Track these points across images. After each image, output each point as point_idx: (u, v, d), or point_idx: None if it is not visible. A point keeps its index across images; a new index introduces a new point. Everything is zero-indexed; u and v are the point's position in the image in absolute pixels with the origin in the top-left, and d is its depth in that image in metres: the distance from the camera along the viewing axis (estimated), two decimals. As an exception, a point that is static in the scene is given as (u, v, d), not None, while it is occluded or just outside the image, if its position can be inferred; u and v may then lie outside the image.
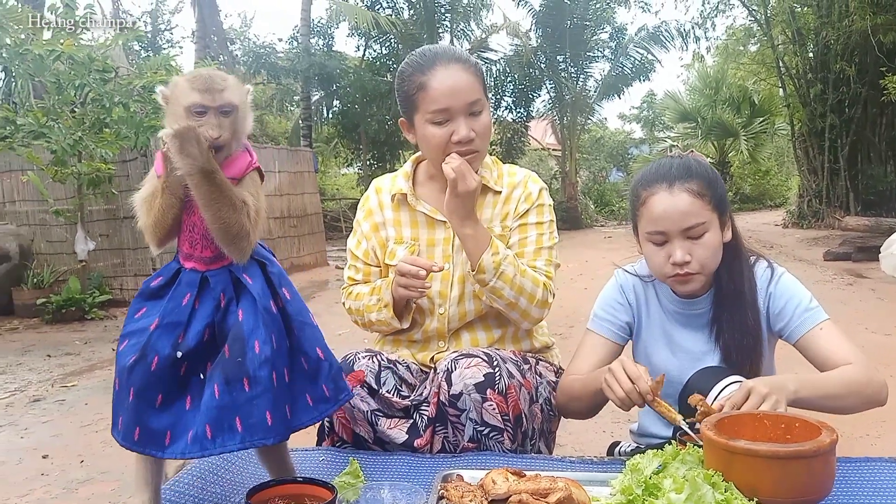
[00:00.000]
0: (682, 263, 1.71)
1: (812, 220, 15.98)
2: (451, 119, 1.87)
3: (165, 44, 21.70)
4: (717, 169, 16.64)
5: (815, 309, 1.76)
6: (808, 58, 15.93)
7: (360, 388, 1.79)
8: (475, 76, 1.89)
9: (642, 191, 1.77)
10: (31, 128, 5.97)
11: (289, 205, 11.57)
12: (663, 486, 1.30)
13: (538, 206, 2.02)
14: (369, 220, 2.09)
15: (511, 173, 2.07)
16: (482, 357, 1.73)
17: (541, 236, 2.00)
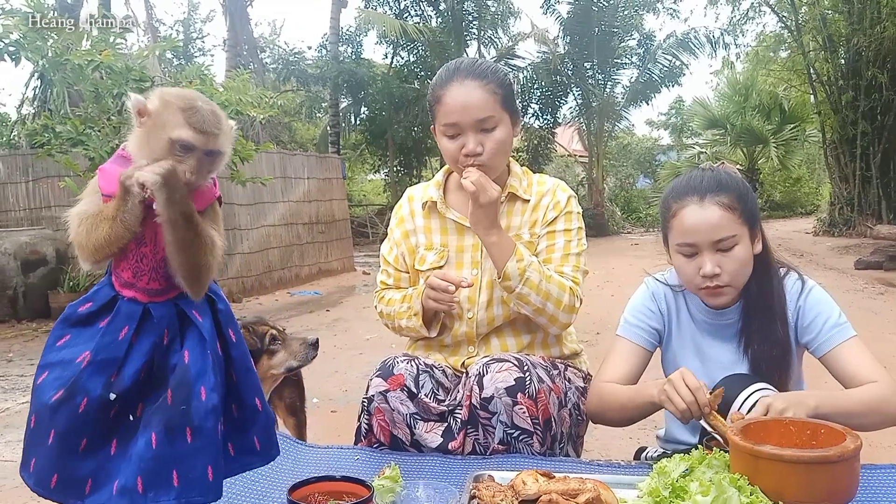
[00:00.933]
0: (712, 276, 1.73)
1: (843, 228, 15.78)
2: (462, 133, 1.94)
3: (197, 52, 22.08)
4: (747, 176, 16.46)
5: (844, 325, 1.77)
6: (839, 64, 15.76)
7: (400, 391, 1.85)
8: (491, 93, 1.93)
9: (673, 203, 1.80)
10: (69, 135, 6.12)
11: (317, 211, 11.71)
12: (690, 489, 1.34)
13: (566, 214, 2.06)
14: (401, 227, 2.17)
15: (540, 182, 2.12)
16: (513, 362, 1.78)
17: (568, 243, 2.04)
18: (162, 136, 1.21)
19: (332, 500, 1.42)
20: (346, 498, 1.41)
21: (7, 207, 9.56)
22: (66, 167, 6.73)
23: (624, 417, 1.87)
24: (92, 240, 1.22)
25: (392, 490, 1.48)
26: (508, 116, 1.98)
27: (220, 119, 1.25)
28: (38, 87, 14.17)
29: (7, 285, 7.75)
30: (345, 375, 5.07)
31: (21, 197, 9.56)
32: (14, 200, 9.58)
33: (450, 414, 1.86)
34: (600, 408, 1.89)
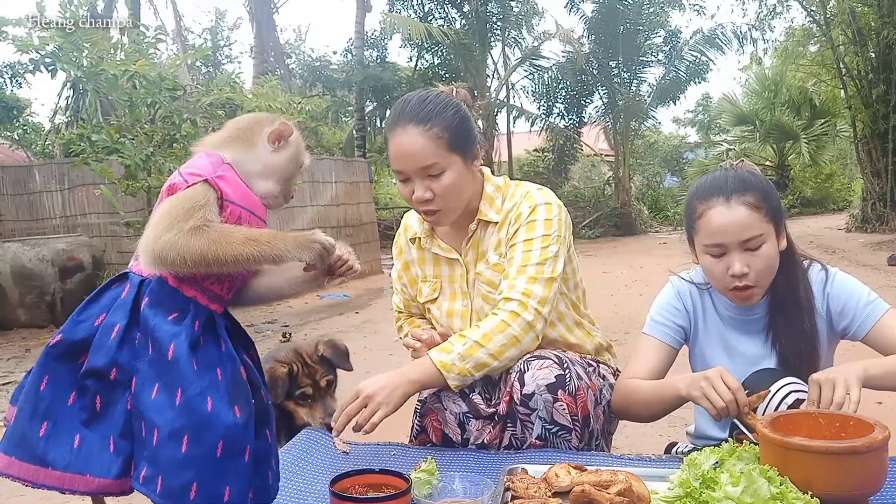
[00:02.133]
0: (741, 275, 1.75)
1: (876, 223, 15.51)
2: (410, 180, 1.90)
3: (225, 60, 22.39)
4: (777, 173, 16.32)
5: (876, 301, 1.79)
6: (869, 58, 15.50)
7: (453, 391, 1.88)
8: (434, 138, 1.84)
9: (699, 204, 1.81)
10: (104, 144, 6.29)
11: (345, 214, 11.82)
12: (720, 480, 1.37)
13: (528, 223, 1.95)
14: (401, 259, 2.21)
15: (511, 196, 2.02)
16: (553, 359, 1.82)
17: (527, 253, 1.91)
18: (299, 160, 1.46)
19: (372, 491, 1.48)
20: (385, 490, 1.47)
21: (43, 215, 9.81)
22: (101, 175, 6.90)
23: (648, 412, 1.89)
24: (224, 253, 1.22)
25: (429, 482, 1.53)
26: (459, 157, 1.89)
27: None
28: (70, 96, 14.51)
29: (45, 291, 7.94)
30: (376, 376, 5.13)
31: (57, 205, 9.80)
32: (50, 208, 9.82)
33: (496, 415, 1.89)
34: (625, 403, 1.92)
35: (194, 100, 6.45)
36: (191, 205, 1.23)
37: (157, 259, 1.21)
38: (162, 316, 1.22)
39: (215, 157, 1.33)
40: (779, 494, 1.29)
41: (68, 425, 1.18)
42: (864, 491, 1.35)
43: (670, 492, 1.47)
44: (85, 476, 1.17)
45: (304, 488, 1.65)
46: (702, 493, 1.38)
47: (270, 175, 1.40)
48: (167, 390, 1.17)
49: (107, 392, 1.20)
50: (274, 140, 1.39)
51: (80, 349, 1.22)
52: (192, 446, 1.14)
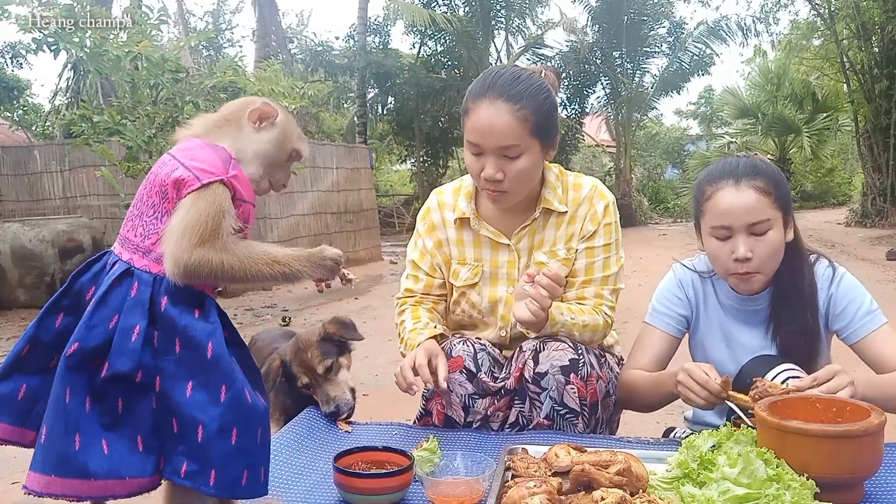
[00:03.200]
0: (745, 259, 1.75)
1: (876, 218, 15.54)
2: (483, 154, 1.84)
3: (226, 43, 22.30)
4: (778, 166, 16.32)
5: (875, 312, 1.80)
6: (873, 53, 15.47)
7: (459, 373, 1.88)
8: (522, 120, 1.79)
9: (708, 186, 1.82)
10: (106, 125, 6.28)
11: (345, 200, 11.82)
12: (718, 462, 1.39)
13: (605, 226, 1.98)
14: (432, 237, 2.08)
15: (577, 186, 2.01)
16: (568, 343, 1.84)
17: (607, 260, 1.97)
18: (287, 146, 1.39)
19: (375, 468, 1.50)
20: (388, 466, 1.49)
21: (43, 196, 9.81)
22: (101, 157, 6.90)
23: (650, 404, 1.94)
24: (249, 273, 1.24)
25: (430, 461, 1.55)
26: (539, 143, 1.86)
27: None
28: (71, 77, 14.47)
29: (45, 272, 7.96)
30: (375, 361, 5.16)
31: (57, 186, 9.79)
32: (50, 189, 9.82)
33: (503, 389, 1.90)
34: (628, 394, 1.94)
35: (197, 82, 6.44)
36: (216, 212, 1.20)
37: (189, 274, 1.20)
38: (189, 314, 1.21)
39: (222, 152, 1.29)
40: (775, 476, 1.31)
41: (92, 432, 1.18)
42: (859, 474, 1.38)
43: (669, 473, 1.49)
44: (125, 479, 1.18)
45: (308, 465, 1.67)
46: (700, 474, 1.40)
47: (256, 159, 1.34)
48: (205, 388, 1.18)
49: (130, 394, 1.20)
50: (255, 119, 1.34)
51: (97, 355, 1.20)
52: (242, 439, 1.18)
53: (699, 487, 1.36)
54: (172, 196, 1.24)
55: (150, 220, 1.25)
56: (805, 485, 1.29)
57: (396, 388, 1.90)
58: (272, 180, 1.39)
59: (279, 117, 1.38)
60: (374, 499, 1.43)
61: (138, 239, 1.26)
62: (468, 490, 1.42)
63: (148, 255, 1.25)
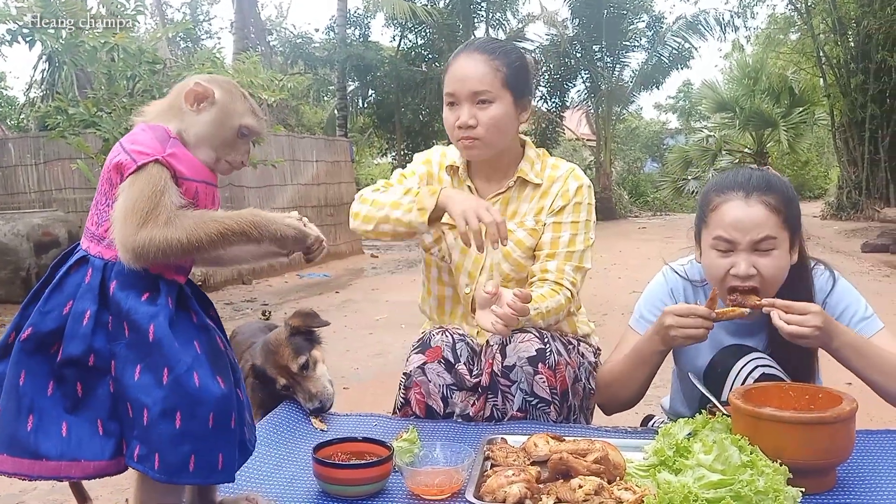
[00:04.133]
0: (746, 277, 1.67)
1: (851, 211, 15.77)
2: (458, 104, 1.96)
3: (204, 35, 22.08)
4: (756, 160, 16.45)
5: (871, 318, 1.78)
6: (849, 47, 15.67)
7: (437, 363, 1.90)
8: (494, 69, 1.94)
9: (715, 196, 1.74)
10: (81, 117, 6.19)
11: (326, 194, 11.77)
12: (693, 449, 1.41)
13: (575, 204, 2.02)
14: (427, 167, 2.14)
15: (555, 166, 2.08)
16: (534, 333, 1.86)
17: (574, 237, 1.99)
18: (231, 124, 1.31)
19: (354, 458, 1.51)
20: (367, 457, 1.50)
21: (18, 190, 9.65)
22: (77, 149, 6.80)
23: (635, 389, 1.89)
24: (204, 238, 1.21)
25: (410, 451, 1.55)
26: (511, 96, 1.96)
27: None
28: (46, 69, 14.24)
29: (20, 266, 7.85)
30: (356, 354, 5.16)
31: (32, 179, 9.64)
32: (25, 183, 9.66)
33: (479, 386, 1.92)
34: (608, 387, 1.93)
35: (174, 74, 6.36)
36: (152, 191, 1.19)
37: (139, 256, 1.19)
38: (135, 298, 1.21)
39: (160, 131, 1.26)
40: (749, 462, 1.33)
41: (53, 415, 1.19)
42: (832, 460, 1.41)
43: (645, 460, 1.51)
44: (80, 462, 1.18)
45: (287, 456, 1.67)
46: (676, 461, 1.42)
47: (201, 141, 1.30)
48: (151, 371, 1.17)
49: (87, 378, 1.20)
50: (191, 102, 1.29)
51: (51, 340, 1.21)
52: (186, 422, 1.16)
53: (675, 474, 1.38)
54: (116, 181, 1.23)
55: (103, 207, 1.25)
56: (778, 471, 1.31)
57: (377, 381, 1.91)
58: (229, 160, 1.34)
59: (217, 95, 1.30)
60: (354, 489, 1.43)
61: (93, 227, 1.26)
62: (447, 479, 1.43)
63: (101, 242, 1.25)
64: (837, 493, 1.41)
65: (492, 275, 2.03)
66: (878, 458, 1.55)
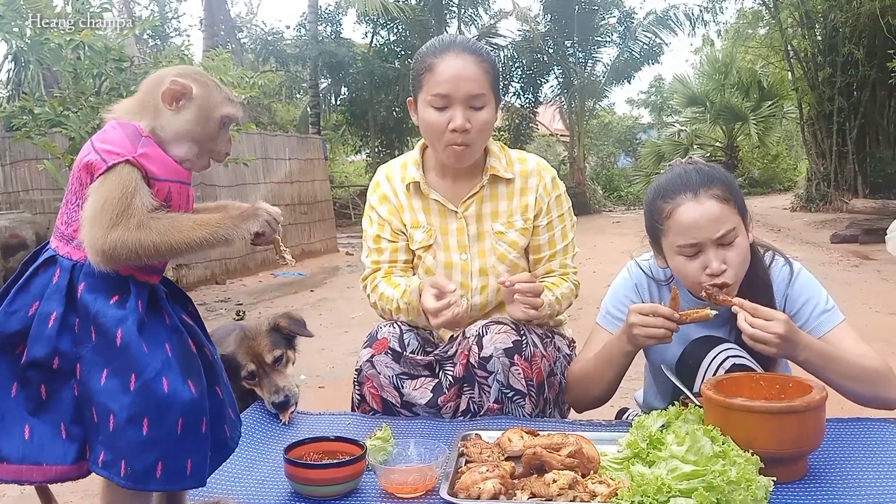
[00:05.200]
0: (720, 273, 1.68)
1: (820, 203, 15.99)
2: (450, 106, 1.88)
3: (173, 32, 21.79)
4: (726, 154, 16.58)
5: (832, 310, 1.78)
6: (816, 41, 15.86)
7: (384, 354, 1.90)
8: (485, 72, 1.91)
9: (664, 204, 1.73)
10: (48, 117, 6.08)
11: (299, 192, 11.68)
12: (666, 441, 1.42)
13: (556, 198, 2.07)
14: (386, 205, 2.08)
15: (521, 160, 2.07)
16: (511, 325, 1.85)
17: (564, 230, 2.08)
18: (213, 117, 1.28)
19: (327, 458, 1.49)
20: (340, 456, 1.48)
21: (-16, 191, 9.48)
22: (44, 149, 6.69)
23: (604, 388, 1.89)
24: (176, 243, 1.19)
25: (384, 449, 1.54)
26: (494, 99, 1.96)
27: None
28: (11, 69, 13.98)
29: (-12, 269, 7.70)
30: (331, 353, 5.13)
31: (-2, 181, 9.47)
32: (-9, 184, 9.49)
33: (440, 368, 1.92)
34: (579, 386, 1.92)
35: (142, 71, 6.27)
36: (122, 193, 1.16)
37: (109, 259, 1.16)
38: (103, 301, 1.18)
39: (130, 129, 1.23)
40: (721, 453, 1.34)
41: (16, 416, 1.16)
42: (803, 448, 1.42)
43: (619, 453, 1.51)
44: (41, 465, 1.15)
45: (259, 457, 1.65)
46: (649, 453, 1.42)
47: (182, 139, 1.26)
48: (118, 376, 1.14)
49: (51, 381, 1.18)
50: (169, 101, 1.25)
51: (16, 341, 1.18)
52: (153, 428, 1.13)
53: (649, 466, 1.38)
54: (86, 181, 1.20)
55: (73, 207, 1.22)
56: (750, 460, 1.32)
57: (352, 380, 1.90)
58: (211, 153, 1.32)
59: (195, 91, 1.26)
60: (326, 489, 1.42)
61: (63, 226, 1.23)
62: (421, 477, 1.42)
63: (71, 242, 1.21)
64: (809, 481, 1.42)
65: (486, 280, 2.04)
66: (848, 446, 1.57)
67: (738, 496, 1.26)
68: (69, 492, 2.68)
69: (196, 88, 1.27)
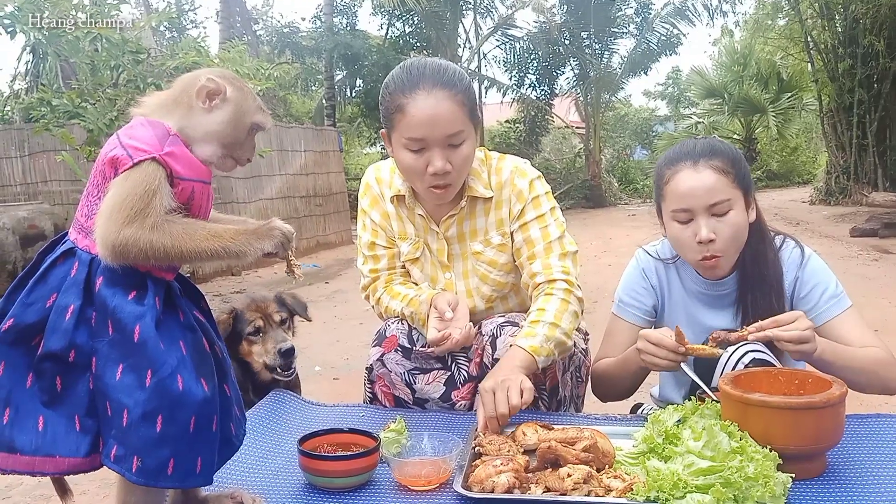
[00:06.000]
0: (708, 241, 1.73)
1: (839, 196, 15.82)
2: (428, 149, 1.76)
3: (189, 24, 21.84)
4: (744, 146, 16.49)
5: (841, 296, 1.81)
6: (836, 32, 15.67)
7: (395, 352, 1.89)
8: (460, 104, 1.76)
9: (666, 170, 1.81)
10: (65, 109, 6.12)
11: (314, 184, 11.71)
12: (682, 436, 1.40)
13: (533, 200, 1.93)
14: (377, 209, 2.01)
15: (498, 170, 1.95)
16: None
17: (545, 229, 1.91)
18: (244, 121, 1.30)
19: (341, 450, 1.49)
20: (354, 448, 1.48)
21: (3, 182, 9.56)
22: (62, 141, 6.74)
23: (624, 388, 1.95)
24: (187, 250, 1.18)
25: (398, 441, 1.54)
26: (473, 127, 1.82)
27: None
28: (30, 61, 14.09)
29: (6, 259, 7.77)
30: (346, 344, 5.15)
31: (17, 172, 9.55)
32: (10, 175, 9.57)
33: (453, 361, 1.91)
34: (602, 385, 1.98)
35: (158, 63, 6.29)
36: (144, 191, 1.16)
37: (118, 255, 1.16)
38: (122, 296, 1.18)
39: (160, 129, 1.23)
40: (738, 448, 1.32)
41: (30, 408, 1.16)
42: (821, 445, 1.40)
43: (635, 448, 1.50)
44: (54, 458, 1.16)
45: (273, 448, 1.65)
46: (665, 448, 1.41)
47: (211, 139, 1.27)
48: (134, 371, 1.15)
49: (67, 374, 1.18)
50: (203, 98, 1.26)
51: (33, 332, 1.19)
52: (167, 426, 1.14)
53: (664, 461, 1.37)
54: (110, 175, 1.20)
55: (94, 199, 1.22)
56: (768, 456, 1.30)
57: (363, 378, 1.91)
58: (235, 156, 1.32)
59: (229, 92, 1.27)
60: (340, 481, 1.42)
61: (83, 218, 1.23)
62: (435, 470, 1.41)
63: (90, 235, 1.21)
64: (827, 478, 1.40)
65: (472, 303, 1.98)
66: (868, 443, 1.54)
67: (755, 492, 1.24)
68: (87, 480, 2.71)
69: (231, 91, 1.28)
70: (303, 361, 3.28)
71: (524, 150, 19.04)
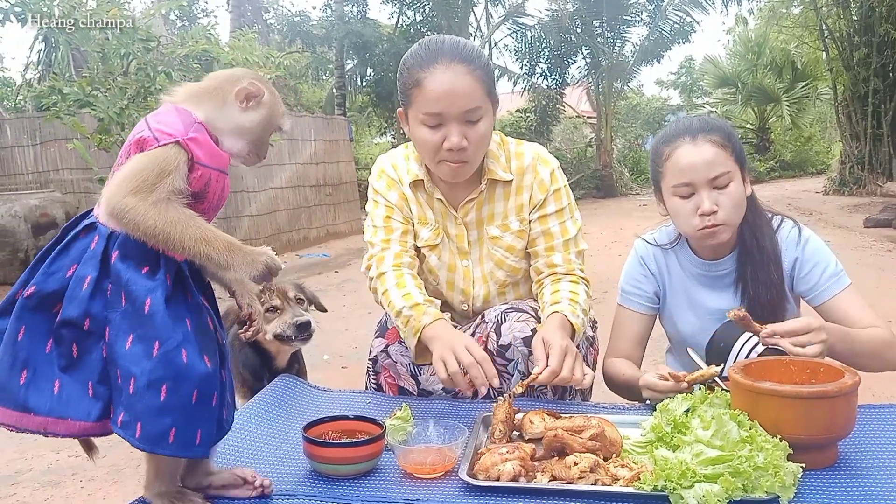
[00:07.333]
0: (710, 213, 1.76)
1: (853, 186, 15.66)
2: (444, 124, 1.75)
3: (200, 13, 21.84)
4: (758, 135, 16.39)
5: (840, 274, 1.82)
6: (851, 20, 15.46)
7: (399, 343, 1.88)
8: (479, 80, 1.75)
9: (665, 147, 1.83)
10: (76, 97, 6.13)
11: (324, 173, 11.70)
12: (691, 425, 1.38)
13: (555, 192, 1.93)
14: (395, 190, 1.97)
15: (518, 155, 1.95)
16: (530, 312, 1.82)
17: (563, 225, 1.93)
18: (272, 123, 1.40)
19: (346, 437, 1.48)
20: (359, 435, 1.47)
21: (15, 171, 9.61)
22: (73, 129, 6.75)
23: (630, 396, 1.96)
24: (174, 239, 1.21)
25: (403, 429, 1.52)
26: (491, 104, 1.82)
27: None
28: (42, 50, 14.15)
29: (18, 248, 7.82)
30: (355, 333, 5.15)
31: (29, 160, 9.60)
32: (22, 164, 9.63)
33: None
34: (610, 385, 2.00)
35: (169, 52, 6.29)
36: (161, 169, 1.22)
37: (113, 216, 1.23)
38: (135, 270, 1.23)
39: (186, 116, 1.30)
40: (748, 438, 1.30)
41: (47, 372, 1.22)
42: (833, 435, 1.37)
43: (643, 437, 1.48)
44: (66, 420, 1.21)
45: (279, 434, 1.64)
46: (673, 437, 1.39)
47: (240, 135, 1.36)
48: (143, 342, 1.19)
49: (83, 341, 1.23)
50: (242, 99, 1.35)
51: (53, 300, 1.24)
52: (170, 395, 1.18)
53: (673, 451, 1.35)
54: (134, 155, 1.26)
55: None
56: (778, 446, 1.28)
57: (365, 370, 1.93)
58: (258, 152, 1.41)
59: (266, 97, 1.37)
60: (345, 468, 1.41)
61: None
62: (440, 458, 1.40)
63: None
64: (839, 468, 1.37)
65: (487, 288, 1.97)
66: (880, 434, 1.52)
67: (765, 482, 1.23)
68: (97, 467, 2.72)
69: (268, 95, 1.38)
70: (311, 350, 3.28)
71: (535, 139, 18.80)
